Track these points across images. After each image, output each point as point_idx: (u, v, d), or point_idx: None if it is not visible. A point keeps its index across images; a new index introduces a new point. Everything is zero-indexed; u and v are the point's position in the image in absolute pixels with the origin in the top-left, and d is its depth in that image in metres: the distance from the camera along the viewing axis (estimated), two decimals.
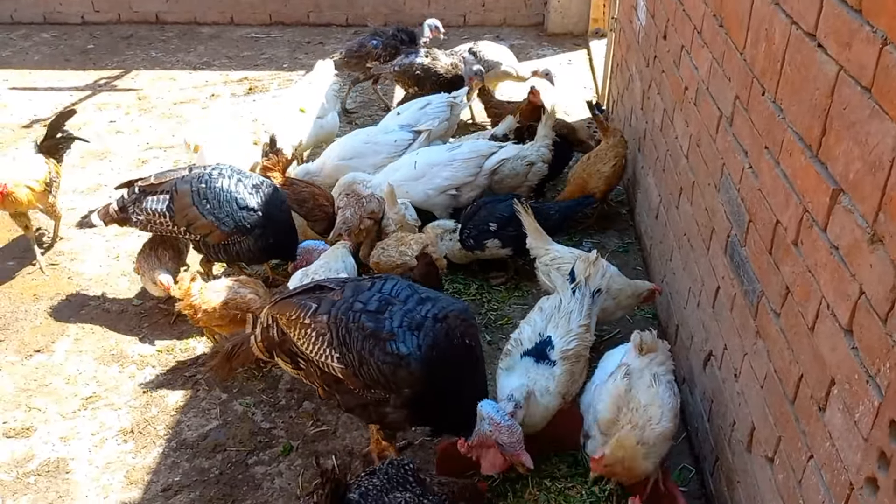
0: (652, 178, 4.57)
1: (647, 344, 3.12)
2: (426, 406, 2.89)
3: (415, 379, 2.76)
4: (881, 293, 1.75)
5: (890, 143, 1.72)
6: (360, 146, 5.15)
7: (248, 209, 4.05)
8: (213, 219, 4.01)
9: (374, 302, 2.85)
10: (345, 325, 2.84)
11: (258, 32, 8.90)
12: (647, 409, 2.90)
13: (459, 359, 2.88)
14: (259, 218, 4.08)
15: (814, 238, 2.15)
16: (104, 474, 3.39)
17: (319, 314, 2.90)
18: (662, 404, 2.91)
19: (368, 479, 2.70)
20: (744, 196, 2.80)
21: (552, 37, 8.62)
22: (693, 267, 3.52)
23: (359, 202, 4.47)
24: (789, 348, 2.33)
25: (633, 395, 2.95)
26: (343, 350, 2.83)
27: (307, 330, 2.91)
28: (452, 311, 2.88)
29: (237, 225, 4.03)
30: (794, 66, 2.32)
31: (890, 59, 1.72)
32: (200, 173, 4.10)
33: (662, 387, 2.97)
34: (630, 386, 2.96)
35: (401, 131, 5.26)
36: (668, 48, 4.20)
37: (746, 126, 2.78)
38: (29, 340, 4.19)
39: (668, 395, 2.96)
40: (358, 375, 2.84)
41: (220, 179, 4.07)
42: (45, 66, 7.96)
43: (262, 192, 4.15)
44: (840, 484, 1.94)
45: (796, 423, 2.26)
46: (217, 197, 4.02)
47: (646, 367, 3.04)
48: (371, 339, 2.78)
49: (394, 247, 4.28)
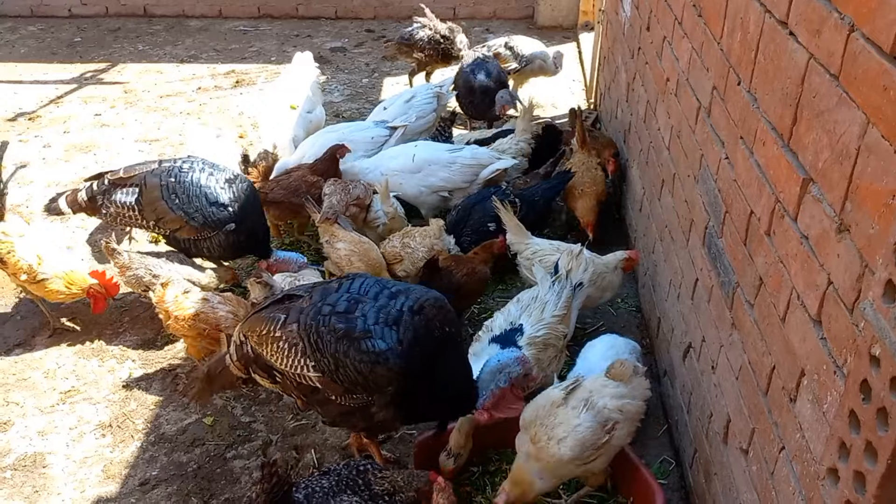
0: (636, 170, 4.55)
1: (617, 370, 2.91)
2: (414, 401, 2.82)
3: (394, 374, 2.68)
4: (848, 283, 1.74)
5: (856, 131, 1.70)
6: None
7: (218, 205, 3.99)
8: (183, 213, 3.95)
9: (343, 302, 2.77)
10: (315, 331, 2.74)
11: (246, 25, 8.86)
12: (554, 429, 2.74)
13: (442, 348, 2.81)
14: (230, 214, 4.01)
15: (785, 228, 2.14)
16: (81, 468, 3.37)
17: (289, 324, 2.80)
18: (573, 431, 2.72)
19: (319, 479, 2.64)
20: (721, 187, 2.79)
21: (542, 30, 8.59)
22: (674, 259, 3.51)
23: (345, 188, 4.43)
24: (762, 339, 2.32)
25: (556, 413, 2.78)
26: (317, 356, 2.74)
27: (279, 343, 2.81)
28: (427, 300, 2.81)
29: (206, 220, 3.98)
30: (767, 56, 2.31)
31: (857, 45, 1.70)
32: (170, 167, 4.04)
33: (590, 417, 2.75)
34: (564, 401, 2.80)
35: (376, 128, 5.19)
36: (651, 39, 4.18)
37: (723, 116, 2.76)
38: (8, 334, 4.16)
39: (587, 427, 2.73)
40: (336, 380, 2.74)
41: (190, 173, 4.01)
42: (31, 59, 7.91)
43: (235, 187, 4.08)
44: (810, 475, 1.93)
45: (769, 415, 2.25)
46: (186, 191, 3.96)
47: (597, 392, 2.83)
48: (345, 339, 2.69)
49: (398, 238, 4.24)
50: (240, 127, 6.50)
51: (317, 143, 5.08)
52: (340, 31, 8.66)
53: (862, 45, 1.68)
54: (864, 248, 1.66)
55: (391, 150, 4.96)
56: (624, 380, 2.88)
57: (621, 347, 3.46)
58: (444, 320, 2.83)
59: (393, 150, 4.95)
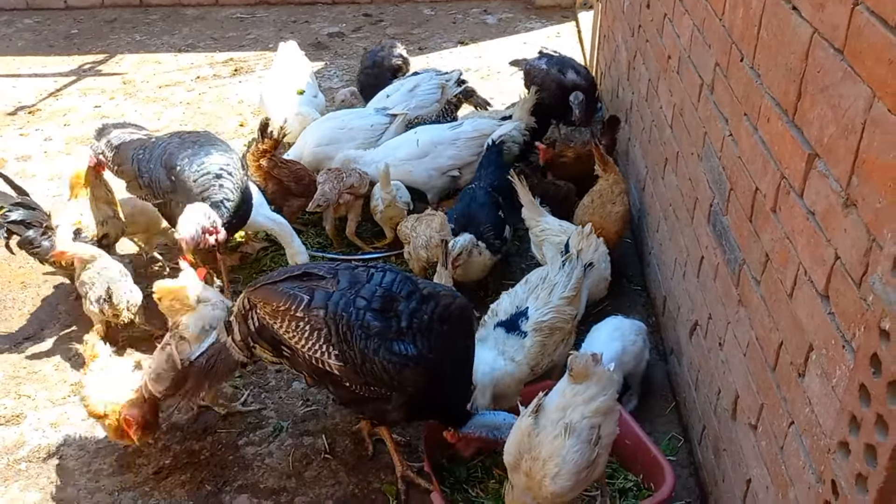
0: (638, 149, 4.54)
1: (577, 369, 2.61)
2: (426, 403, 2.88)
3: (420, 379, 2.73)
4: (855, 257, 1.74)
5: (862, 105, 1.70)
6: (336, 132, 5.03)
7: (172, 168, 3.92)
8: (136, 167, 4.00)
9: (378, 299, 2.73)
10: (346, 322, 2.70)
11: (243, 12, 8.80)
12: (545, 464, 2.56)
13: (460, 356, 2.89)
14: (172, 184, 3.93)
15: (791, 204, 2.14)
16: (95, 459, 3.40)
17: (314, 307, 2.73)
18: (563, 462, 2.53)
19: None
20: (725, 164, 2.79)
21: (540, 10, 8.54)
22: (678, 237, 3.51)
23: (338, 177, 4.43)
24: (769, 315, 2.33)
25: (538, 441, 2.58)
26: (343, 347, 2.71)
27: (299, 323, 2.75)
28: (455, 308, 2.83)
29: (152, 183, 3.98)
30: (770, 31, 2.30)
31: (861, 18, 1.70)
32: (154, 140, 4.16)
33: (573, 439, 2.54)
34: (537, 430, 2.59)
35: (376, 115, 5.13)
36: (651, 17, 4.15)
37: (726, 93, 2.76)
38: (17, 328, 4.18)
39: (575, 451, 2.54)
40: (359, 373, 2.75)
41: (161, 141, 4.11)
42: (28, 53, 7.87)
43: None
44: (820, 449, 1.94)
45: (777, 390, 2.27)
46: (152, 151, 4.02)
47: (569, 408, 2.60)
48: (377, 338, 2.68)
49: (410, 221, 4.23)
50: (240, 115, 6.48)
51: (318, 130, 5.07)
52: (338, 16, 8.61)
53: (867, 19, 1.67)
54: (872, 222, 1.66)
55: (393, 141, 4.94)
56: (587, 377, 2.61)
57: (627, 329, 3.47)
58: (467, 330, 2.90)
59: (395, 141, 4.93)
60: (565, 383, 2.67)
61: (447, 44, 7.81)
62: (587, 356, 2.62)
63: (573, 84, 5.26)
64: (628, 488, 3.07)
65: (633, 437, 3.05)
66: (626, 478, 3.10)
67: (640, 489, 3.06)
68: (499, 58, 7.29)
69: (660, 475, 2.92)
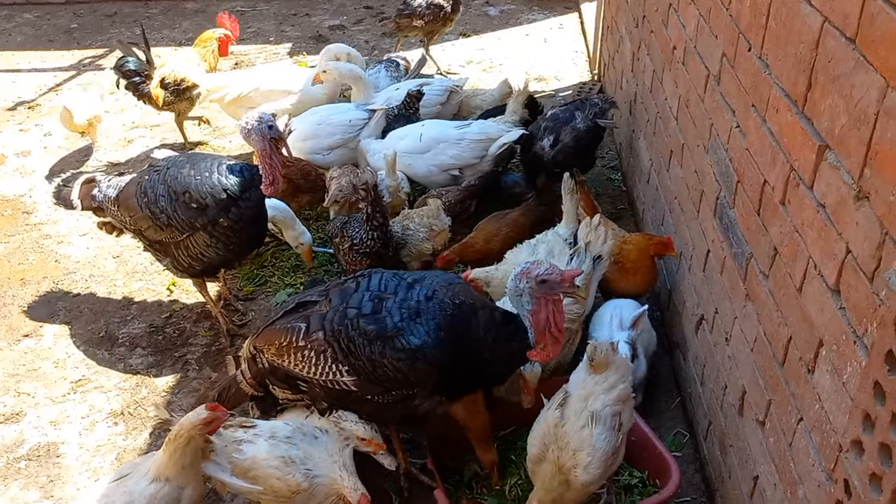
0: (643, 141, 4.49)
1: (598, 359, 2.67)
2: (457, 380, 2.76)
3: (434, 366, 2.64)
4: (867, 251, 1.70)
5: (875, 95, 1.65)
6: (315, 127, 4.96)
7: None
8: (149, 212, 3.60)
9: (368, 303, 2.70)
10: (345, 335, 2.67)
11: (243, 6, 8.74)
12: (575, 454, 2.59)
13: (463, 320, 2.70)
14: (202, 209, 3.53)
15: (800, 197, 2.09)
16: (95, 457, 3.38)
17: (313, 333, 2.73)
18: (594, 451, 2.57)
19: None
20: (732, 156, 2.74)
21: (543, 1, 8.46)
22: (684, 231, 3.47)
23: (353, 172, 4.40)
24: (778, 310, 2.29)
25: (564, 432, 2.62)
26: (351, 360, 2.68)
27: (303, 353, 2.75)
28: (438, 283, 2.77)
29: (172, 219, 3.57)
30: (778, 20, 2.25)
31: (874, 6, 1.65)
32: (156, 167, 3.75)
33: (599, 427, 2.60)
34: (563, 420, 2.64)
35: (356, 110, 5.03)
36: (656, 7, 4.10)
37: (734, 84, 2.71)
38: (17, 325, 4.16)
39: (602, 439, 2.59)
40: (375, 382, 2.70)
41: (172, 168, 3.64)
42: (28, 47, 7.82)
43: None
44: (829, 446, 1.90)
45: (786, 386, 2.23)
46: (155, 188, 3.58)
47: (590, 397, 2.66)
48: (378, 341, 2.64)
49: (398, 224, 4.16)
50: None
51: (300, 124, 4.99)
52: (339, 9, 8.54)
53: (880, 7, 1.63)
54: (885, 215, 1.62)
55: (399, 131, 4.88)
56: (608, 367, 2.68)
57: (625, 306, 3.45)
58: (455, 294, 2.74)
59: (401, 131, 4.87)
60: (584, 373, 2.72)
61: (449, 35, 7.71)
62: (607, 346, 2.68)
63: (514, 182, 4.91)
64: (634, 485, 3.04)
65: (638, 433, 3.01)
66: (631, 474, 3.07)
67: (645, 485, 3.03)
68: (501, 50, 7.23)
69: (665, 471, 2.89)
